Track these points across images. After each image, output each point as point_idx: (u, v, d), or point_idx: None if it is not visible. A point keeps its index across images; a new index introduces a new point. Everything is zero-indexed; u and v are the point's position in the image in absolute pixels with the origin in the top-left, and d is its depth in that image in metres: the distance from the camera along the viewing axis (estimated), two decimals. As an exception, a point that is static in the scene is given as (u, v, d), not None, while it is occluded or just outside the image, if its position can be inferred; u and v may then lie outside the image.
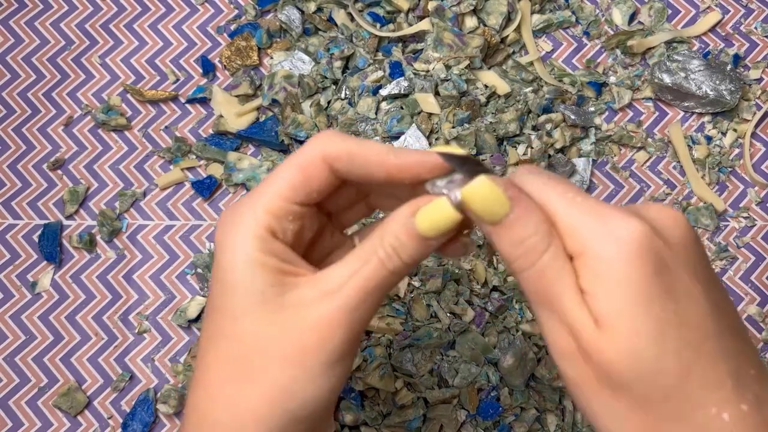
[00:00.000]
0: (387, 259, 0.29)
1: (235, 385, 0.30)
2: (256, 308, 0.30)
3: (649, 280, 0.26)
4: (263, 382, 0.30)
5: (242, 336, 0.30)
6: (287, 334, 0.30)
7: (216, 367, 0.31)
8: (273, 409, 0.30)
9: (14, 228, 0.56)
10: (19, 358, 0.53)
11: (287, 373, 0.30)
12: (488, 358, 0.50)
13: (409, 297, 0.50)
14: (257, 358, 0.30)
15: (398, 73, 0.55)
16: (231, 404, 0.30)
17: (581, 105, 0.58)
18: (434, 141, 0.53)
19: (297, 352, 0.29)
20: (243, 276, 0.30)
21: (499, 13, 0.57)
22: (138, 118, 0.58)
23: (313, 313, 0.29)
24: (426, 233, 0.29)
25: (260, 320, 0.30)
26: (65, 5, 0.60)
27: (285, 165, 0.31)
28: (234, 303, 0.30)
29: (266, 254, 0.30)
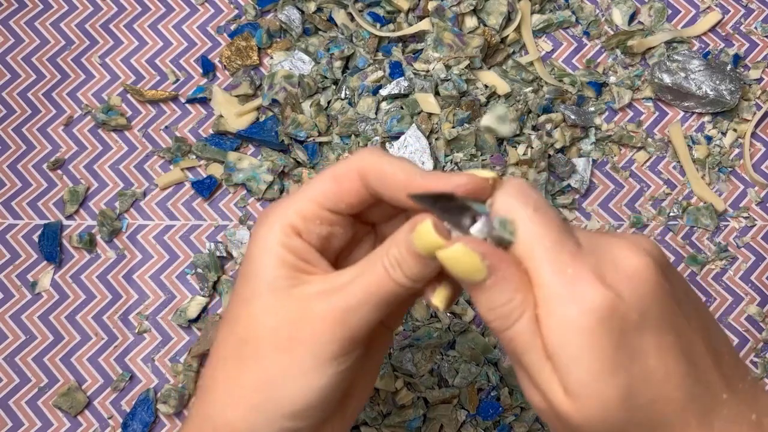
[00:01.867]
0: (391, 269, 0.30)
1: (234, 367, 0.31)
2: (264, 295, 0.31)
3: (613, 349, 0.27)
4: (255, 367, 0.31)
5: (247, 320, 0.31)
6: (283, 323, 0.30)
7: (222, 347, 0.32)
8: (263, 397, 0.30)
9: (14, 228, 0.56)
10: (19, 358, 0.53)
11: (278, 362, 0.30)
12: (488, 358, 0.50)
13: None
14: (254, 343, 0.31)
15: (398, 73, 0.55)
16: (229, 385, 0.31)
17: (581, 105, 0.58)
18: (434, 141, 0.53)
19: (289, 341, 0.30)
20: (261, 265, 0.31)
21: (499, 13, 0.57)
22: (138, 118, 0.58)
23: (312, 306, 0.30)
24: (420, 251, 0.29)
25: (265, 307, 0.31)
26: (65, 5, 0.60)
27: (323, 173, 0.32)
28: (248, 288, 0.31)
29: (286, 249, 0.31)
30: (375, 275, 0.30)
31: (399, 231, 0.30)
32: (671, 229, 0.57)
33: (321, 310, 0.30)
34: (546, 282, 0.27)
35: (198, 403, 0.32)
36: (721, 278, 0.56)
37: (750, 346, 0.54)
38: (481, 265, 0.28)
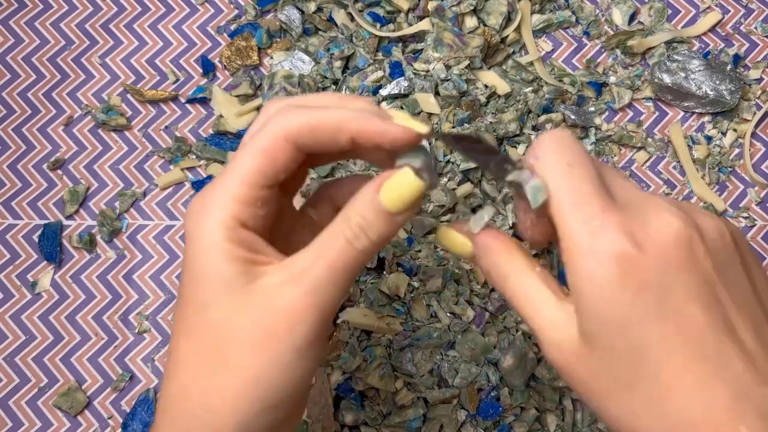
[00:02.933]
0: (354, 239, 0.29)
1: (207, 377, 0.30)
2: (224, 298, 0.30)
3: (628, 304, 0.27)
4: (235, 371, 0.30)
5: (212, 327, 0.30)
6: (256, 322, 0.29)
7: (188, 359, 0.31)
8: (246, 399, 0.30)
9: (14, 228, 0.56)
10: (19, 358, 0.53)
11: (258, 362, 0.29)
12: (488, 358, 0.50)
13: (409, 297, 0.50)
14: (228, 348, 0.30)
15: (398, 73, 0.55)
16: (204, 397, 0.30)
17: (581, 105, 0.58)
18: (434, 141, 0.53)
19: (266, 339, 0.29)
20: (211, 266, 0.29)
21: (499, 13, 0.57)
22: (138, 118, 0.58)
23: (280, 298, 0.29)
24: (392, 208, 0.29)
25: (229, 310, 0.30)
26: (65, 5, 0.60)
27: (248, 150, 0.30)
28: (203, 294, 0.30)
29: (234, 244, 0.30)
30: (337, 251, 0.29)
31: (355, 200, 0.29)
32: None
33: (290, 301, 0.29)
34: (570, 233, 0.28)
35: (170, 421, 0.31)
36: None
37: (750, 346, 0.54)
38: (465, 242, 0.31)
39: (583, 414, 0.53)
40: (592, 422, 0.52)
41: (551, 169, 0.29)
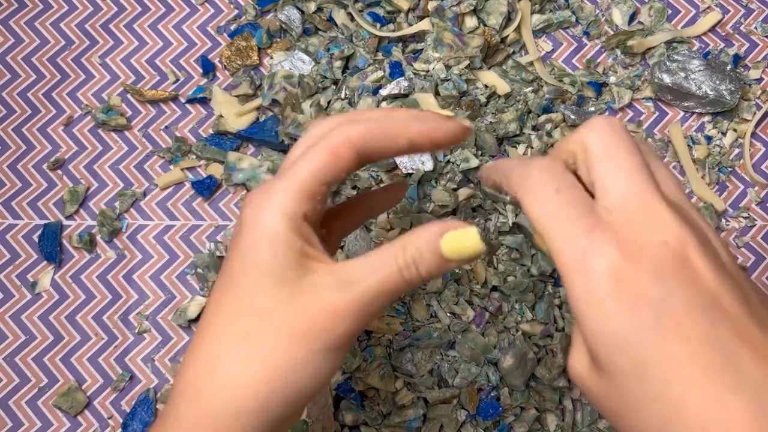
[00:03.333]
0: (405, 269, 0.31)
1: (240, 359, 0.31)
2: (274, 287, 0.31)
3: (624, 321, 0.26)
4: (268, 359, 0.30)
5: (255, 312, 0.31)
6: (299, 315, 0.30)
7: (224, 341, 0.31)
8: (272, 387, 0.30)
9: (14, 228, 0.56)
10: (19, 358, 0.53)
11: (292, 353, 0.30)
12: (488, 358, 0.50)
13: (409, 297, 0.50)
14: (266, 335, 0.30)
15: (398, 73, 0.55)
16: (232, 380, 0.30)
17: (581, 105, 0.58)
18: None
19: (305, 333, 0.30)
20: (268, 254, 0.30)
21: (499, 13, 0.57)
22: (138, 118, 0.58)
23: (327, 298, 0.30)
24: (448, 256, 0.31)
25: (276, 299, 0.30)
26: (65, 5, 0.60)
27: (315, 148, 0.32)
28: (254, 279, 0.31)
29: (295, 234, 0.31)
30: (388, 274, 0.31)
31: (419, 233, 0.31)
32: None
33: (336, 303, 0.30)
34: (561, 256, 0.28)
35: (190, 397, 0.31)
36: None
37: (750, 346, 0.54)
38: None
39: (583, 414, 0.53)
40: (592, 422, 0.52)
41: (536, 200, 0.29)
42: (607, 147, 0.29)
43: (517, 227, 0.53)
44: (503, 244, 0.53)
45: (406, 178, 0.52)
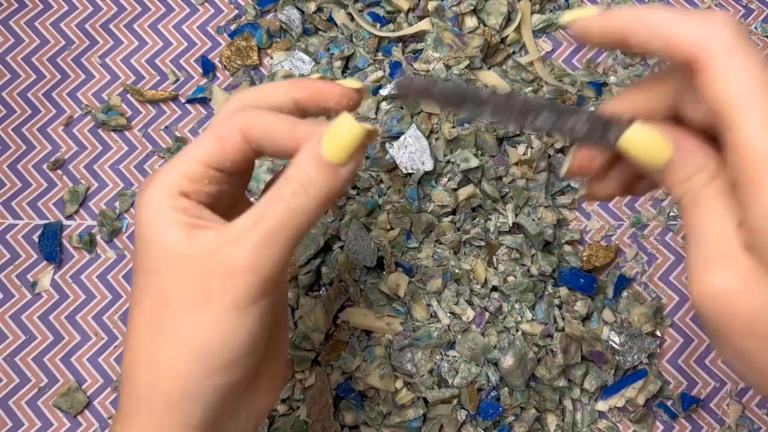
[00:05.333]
0: (292, 198, 0.29)
1: (152, 343, 0.31)
2: (170, 262, 0.30)
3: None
4: (175, 335, 0.30)
5: (159, 292, 0.30)
6: (194, 284, 0.30)
7: (138, 326, 0.31)
8: (188, 363, 0.30)
9: (14, 228, 0.56)
10: (19, 358, 0.53)
11: (195, 323, 0.30)
12: (488, 358, 0.50)
13: (409, 297, 0.50)
14: (169, 312, 0.30)
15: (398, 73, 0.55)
16: (152, 363, 0.30)
17: (581, 105, 0.58)
18: (434, 141, 0.53)
19: (203, 300, 0.30)
20: (157, 232, 0.30)
21: (499, 13, 0.57)
22: (138, 118, 0.58)
23: (218, 259, 0.30)
24: (333, 158, 0.29)
25: (172, 273, 0.30)
26: (65, 5, 0.60)
27: (206, 134, 0.32)
28: (151, 259, 0.31)
29: (177, 211, 0.31)
30: (276, 214, 0.29)
31: (297, 158, 0.30)
32: (671, 229, 0.57)
33: (228, 261, 0.29)
34: (755, 153, 0.25)
35: (126, 389, 0.32)
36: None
37: (750, 346, 0.54)
38: (663, 141, 0.27)
39: (583, 414, 0.53)
40: (592, 422, 0.53)
41: (740, 72, 0.25)
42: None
43: (517, 227, 0.53)
44: (503, 244, 0.53)
45: (407, 178, 0.52)
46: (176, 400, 0.30)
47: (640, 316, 0.53)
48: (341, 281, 0.51)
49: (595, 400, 0.53)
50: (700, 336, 0.55)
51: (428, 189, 0.52)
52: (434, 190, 0.52)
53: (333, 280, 0.52)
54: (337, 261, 0.52)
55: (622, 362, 0.52)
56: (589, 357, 0.52)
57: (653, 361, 0.54)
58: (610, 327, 0.53)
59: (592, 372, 0.52)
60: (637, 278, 0.56)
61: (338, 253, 0.52)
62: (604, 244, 0.56)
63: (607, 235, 0.57)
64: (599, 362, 0.52)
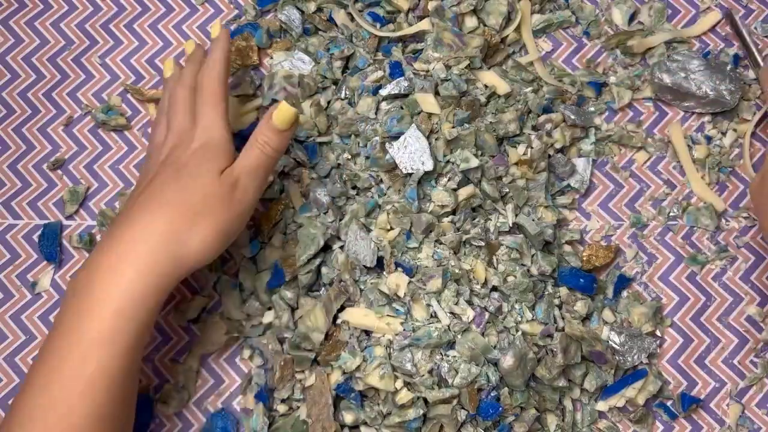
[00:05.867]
0: (262, 148, 0.47)
1: (189, 224, 0.45)
2: (205, 183, 0.46)
3: None
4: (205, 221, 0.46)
5: (194, 192, 0.46)
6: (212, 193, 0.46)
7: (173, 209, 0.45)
8: (212, 238, 0.46)
9: (14, 228, 0.56)
10: (19, 358, 0.53)
11: (219, 215, 0.46)
12: (488, 358, 0.50)
13: (409, 297, 0.50)
14: (203, 209, 0.45)
15: (398, 73, 0.55)
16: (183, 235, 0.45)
17: (581, 105, 0.58)
18: (434, 141, 0.53)
19: (220, 201, 0.46)
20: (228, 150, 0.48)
21: (499, 13, 0.57)
22: (138, 118, 0.58)
23: (223, 179, 0.46)
24: (279, 125, 0.47)
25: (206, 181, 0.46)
26: (65, 5, 0.60)
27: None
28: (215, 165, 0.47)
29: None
30: (252, 156, 0.47)
31: (261, 124, 0.47)
32: (671, 229, 0.57)
33: (224, 183, 0.46)
34: None
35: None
36: (721, 278, 0.56)
37: (749, 347, 0.54)
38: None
39: (583, 414, 0.53)
40: (592, 422, 0.53)
41: None
42: None
43: (517, 227, 0.53)
44: (503, 244, 0.53)
45: (406, 178, 0.52)
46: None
47: (640, 316, 0.53)
48: (341, 281, 0.51)
49: (595, 400, 0.53)
50: (700, 336, 0.55)
51: (428, 189, 0.52)
52: (434, 190, 0.52)
53: (333, 280, 0.52)
54: (337, 261, 0.52)
55: (622, 362, 0.52)
56: (589, 357, 0.52)
57: (653, 361, 0.54)
58: (610, 327, 0.53)
59: (592, 372, 0.52)
60: (637, 278, 0.56)
61: (338, 253, 0.52)
62: (604, 244, 0.56)
63: (607, 235, 0.57)
64: (599, 362, 0.52)
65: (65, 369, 0.41)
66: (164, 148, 0.48)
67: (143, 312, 0.42)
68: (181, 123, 0.49)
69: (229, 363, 0.53)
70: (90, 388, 0.40)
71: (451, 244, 0.51)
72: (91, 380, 0.40)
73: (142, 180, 0.49)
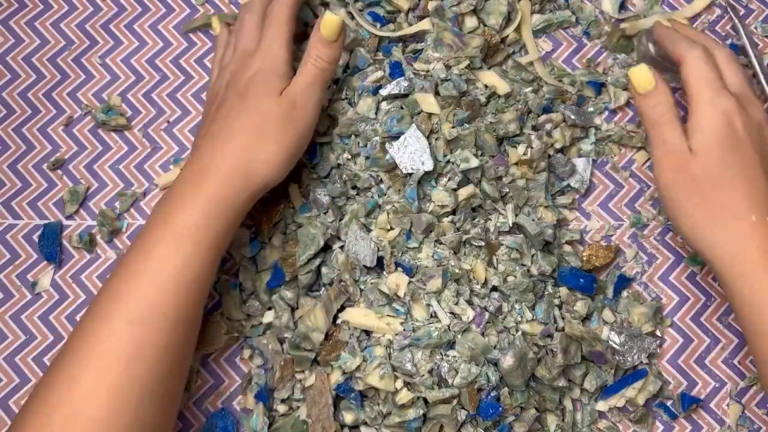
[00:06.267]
0: (315, 62, 0.50)
1: (256, 144, 0.49)
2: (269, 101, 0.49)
3: (727, 134, 0.47)
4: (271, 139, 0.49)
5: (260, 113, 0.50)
6: (280, 111, 0.49)
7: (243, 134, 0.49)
8: (281, 154, 0.49)
9: (14, 228, 0.56)
10: (19, 358, 0.53)
11: (285, 133, 0.49)
12: (488, 358, 0.50)
13: (409, 297, 0.50)
14: (268, 126, 0.49)
15: (398, 73, 0.55)
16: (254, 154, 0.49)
17: (581, 105, 0.58)
18: (434, 141, 0.53)
19: (287, 120, 0.49)
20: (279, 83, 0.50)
21: (499, 13, 0.57)
22: (138, 118, 0.58)
23: (283, 97, 0.50)
24: (326, 35, 0.50)
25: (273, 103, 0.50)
26: (65, 5, 0.60)
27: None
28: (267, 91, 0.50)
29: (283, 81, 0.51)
30: (307, 70, 0.50)
31: (311, 39, 0.50)
32: (671, 229, 0.57)
33: (287, 98, 0.49)
34: (699, 93, 0.48)
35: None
36: (721, 278, 0.56)
37: (750, 346, 0.54)
38: (652, 78, 0.49)
39: (583, 414, 0.53)
40: (592, 422, 0.52)
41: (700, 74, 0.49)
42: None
43: (517, 227, 0.53)
44: (503, 244, 0.53)
45: (406, 178, 0.52)
46: None
47: (640, 316, 0.53)
48: (341, 281, 0.51)
49: (595, 400, 0.53)
50: (700, 336, 0.55)
51: (428, 189, 0.52)
52: (434, 190, 0.52)
53: (333, 280, 0.52)
54: (337, 261, 0.52)
55: (622, 362, 0.52)
56: (589, 357, 0.52)
57: (653, 361, 0.54)
58: (610, 327, 0.53)
59: (592, 372, 0.52)
60: (637, 278, 0.56)
61: (338, 253, 0.52)
62: (604, 244, 0.56)
63: (607, 235, 0.57)
64: (599, 362, 0.52)
65: (153, 258, 0.45)
66: (227, 71, 0.52)
67: (220, 223, 0.46)
68: (245, 45, 0.52)
69: (229, 363, 0.53)
70: (174, 279, 0.44)
71: (451, 244, 0.51)
72: (177, 270, 0.44)
73: (211, 102, 0.52)
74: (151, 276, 0.44)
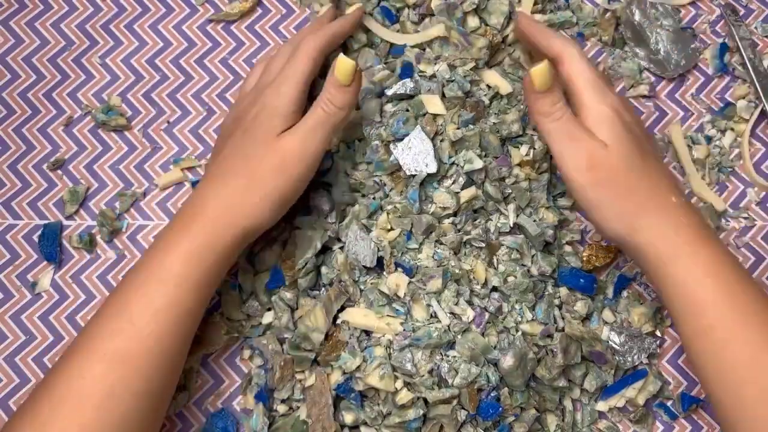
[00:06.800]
0: (325, 106, 0.48)
1: (244, 192, 0.48)
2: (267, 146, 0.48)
3: (620, 127, 0.47)
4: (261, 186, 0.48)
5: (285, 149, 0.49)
6: (273, 158, 0.48)
7: (232, 179, 0.48)
8: (268, 201, 0.48)
9: (14, 228, 0.56)
10: (19, 358, 0.53)
11: (275, 180, 0.48)
12: (488, 358, 0.50)
13: (409, 297, 0.50)
14: (259, 174, 0.47)
15: (408, 74, 0.54)
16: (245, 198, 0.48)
17: (581, 105, 0.58)
18: (439, 142, 0.53)
19: (281, 168, 0.48)
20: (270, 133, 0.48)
21: (501, 13, 0.57)
22: (138, 118, 0.58)
23: (283, 144, 0.48)
24: (342, 79, 0.47)
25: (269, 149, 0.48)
26: (65, 5, 0.60)
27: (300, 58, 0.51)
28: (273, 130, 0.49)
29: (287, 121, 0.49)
30: (315, 115, 0.48)
31: (325, 84, 0.48)
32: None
33: (288, 145, 0.48)
34: (585, 99, 0.48)
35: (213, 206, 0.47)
36: (721, 278, 0.56)
37: (750, 346, 0.54)
38: (552, 76, 0.47)
39: (583, 414, 0.53)
40: (592, 422, 0.53)
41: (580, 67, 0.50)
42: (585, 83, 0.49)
43: (518, 228, 0.53)
44: (503, 245, 0.53)
45: (409, 180, 0.52)
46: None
47: (640, 316, 0.53)
48: (341, 281, 0.51)
49: (595, 400, 0.53)
50: (700, 336, 0.55)
51: (430, 191, 0.52)
52: (436, 192, 0.52)
53: (333, 280, 0.52)
54: (336, 261, 0.52)
55: (622, 362, 0.52)
56: (589, 357, 0.52)
57: (653, 361, 0.54)
58: (610, 327, 0.53)
59: (592, 372, 0.52)
60: (637, 278, 0.56)
61: (338, 254, 0.52)
62: (604, 244, 0.56)
63: (607, 236, 0.57)
64: (599, 362, 0.52)
65: (134, 301, 0.45)
66: (244, 101, 0.51)
67: (203, 268, 0.46)
68: (267, 77, 0.52)
69: (229, 363, 0.54)
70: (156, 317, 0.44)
71: (451, 245, 0.51)
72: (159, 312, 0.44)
73: (223, 130, 0.53)
74: (133, 316, 0.44)
